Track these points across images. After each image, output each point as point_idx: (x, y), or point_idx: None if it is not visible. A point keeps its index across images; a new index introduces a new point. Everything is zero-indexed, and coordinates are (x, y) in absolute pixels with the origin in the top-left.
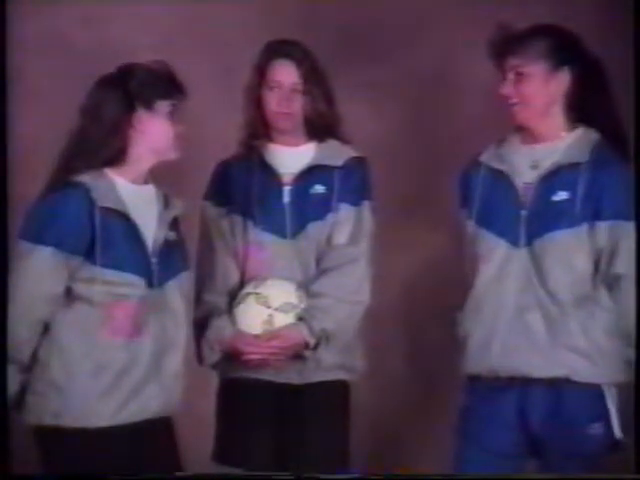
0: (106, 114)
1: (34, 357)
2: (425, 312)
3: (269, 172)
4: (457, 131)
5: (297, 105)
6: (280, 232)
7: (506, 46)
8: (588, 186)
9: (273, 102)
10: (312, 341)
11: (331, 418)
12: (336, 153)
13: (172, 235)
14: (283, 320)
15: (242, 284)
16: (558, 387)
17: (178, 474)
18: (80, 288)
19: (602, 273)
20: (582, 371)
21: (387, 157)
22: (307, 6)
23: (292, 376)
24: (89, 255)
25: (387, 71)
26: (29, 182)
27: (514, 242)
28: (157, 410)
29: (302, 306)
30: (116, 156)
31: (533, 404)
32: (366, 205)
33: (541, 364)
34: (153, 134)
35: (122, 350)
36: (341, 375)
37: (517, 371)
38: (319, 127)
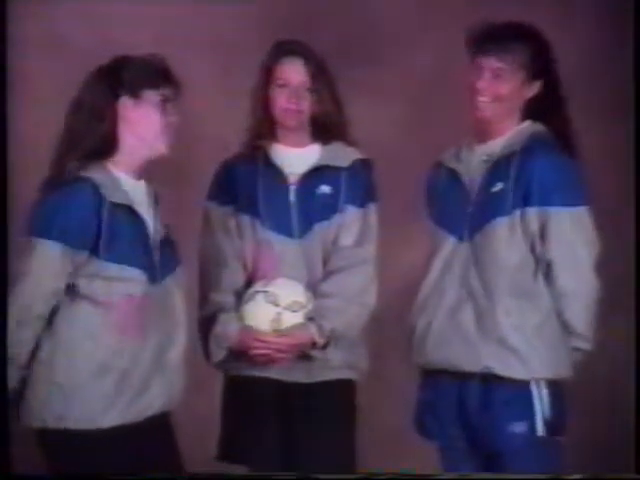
0: (88, 101)
1: (34, 358)
2: None
3: (275, 172)
4: (457, 131)
5: (305, 103)
6: (287, 232)
7: (486, 45)
8: (518, 173)
9: (282, 99)
10: (321, 341)
11: (338, 417)
12: (342, 154)
13: (163, 230)
14: (291, 319)
15: (249, 283)
16: (487, 381)
17: (178, 474)
18: (84, 285)
19: (537, 261)
20: (509, 366)
21: (387, 157)
22: (307, 6)
23: (300, 375)
24: (94, 250)
25: (387, 71)
26: (29, 182)
27: (460, 238)
28: (161, 406)
29: (310, 306)
30: (105, 145)
31: (469, 397)
32: (372, 207)
33: (470, 357)
34: (140, 123)
35: (128, 348)
36: (347, 374)
37: (449, 364)
38: (326, 128)
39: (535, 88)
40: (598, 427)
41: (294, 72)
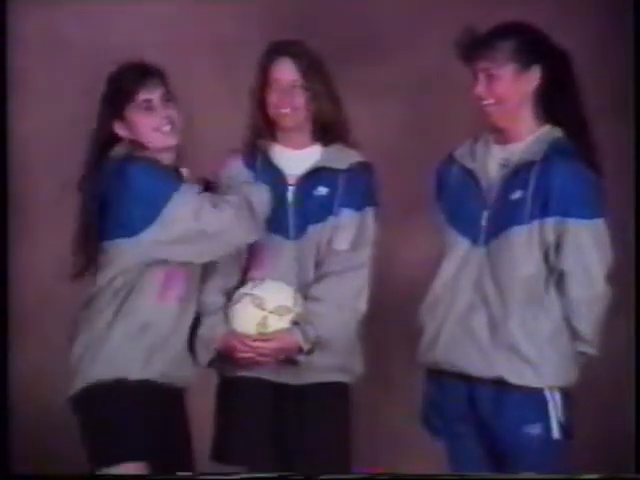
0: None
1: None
2: None
3: (274, 172)
4: (457, 131)
5: (298, 102)
6: (283, 233)
7: (474, 50)
8: (538, 183)
9: (274, 100)
10: (306, 347)
11: (328, 419)
12: (341, 156)
13: None
14: (277, 323)
15: (242, 284)
16: (500, 385)
17: (179, 474)
18: None
19: (550, 271)
20: (522, 375)
21: (387, 157)
22: (307, 6)
23: (289, 377)
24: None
25: (387, 71)
26: (29, 182)
27: (475, 241)
28: (188, 376)
29: (297, 309)
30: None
31: (480, 398)
32: (369, 212)
33: (481, 363)
34: (137, 133)
35: (169, 314)
36: (339, 377)
37: (459, 368)
38: (326, 129)
39: (535, 76)
40: (598, 427)
41: (284, 71)
